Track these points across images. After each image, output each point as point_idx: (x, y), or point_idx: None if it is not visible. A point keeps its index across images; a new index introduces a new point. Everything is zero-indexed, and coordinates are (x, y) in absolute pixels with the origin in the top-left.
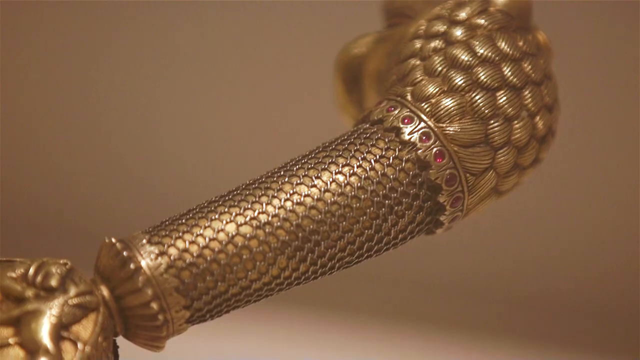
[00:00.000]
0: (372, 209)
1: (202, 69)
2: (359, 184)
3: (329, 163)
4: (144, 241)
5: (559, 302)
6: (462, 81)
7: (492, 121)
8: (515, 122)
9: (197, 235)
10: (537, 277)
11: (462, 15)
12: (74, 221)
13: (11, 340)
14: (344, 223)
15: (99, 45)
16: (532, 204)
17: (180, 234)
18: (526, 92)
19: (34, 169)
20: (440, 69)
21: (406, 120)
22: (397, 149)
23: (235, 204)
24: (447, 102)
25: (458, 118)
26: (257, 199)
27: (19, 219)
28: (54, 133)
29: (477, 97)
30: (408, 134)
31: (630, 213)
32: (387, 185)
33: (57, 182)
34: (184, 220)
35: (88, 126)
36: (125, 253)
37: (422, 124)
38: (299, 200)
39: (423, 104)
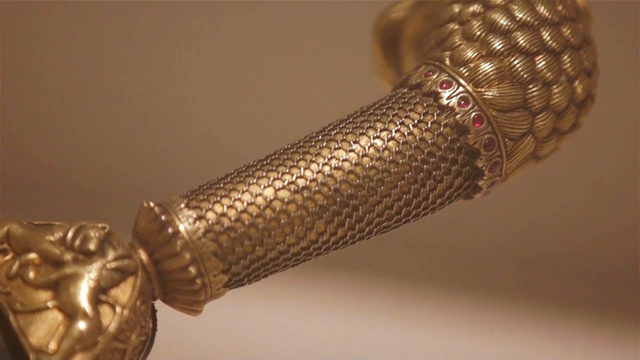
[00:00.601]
0: (410, 173)
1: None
2: (397, 149)
3: (367, 128)
4: (182, 205)
5: (568, 263)
6: (500, 45)
7: (530, 86)
8: (554, 86)
9: (235, 200)
10: (548, 239)
11: None
12: (109, 185)
13: (50, 304)
14: (382, 188)
15: None
16: (542, 168)
17: (218, 198)
18: (565, 57)
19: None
20: (478, 33)
21: (444, 85)
22: (435, 114)
23: (273, 168)
24: (486, 67)
25: (496, 82)
26: (295, 164)
27: (56, 184)
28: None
29: (515, 62)
30: (446, 99)
31: (634, 177)
32: (425, 150)
33: (91, 148)
34: (222, 185)
35: (119, 94)
36: (163, 217)
37: (461, 89)
38: (337, 165)
39: (461, 69)
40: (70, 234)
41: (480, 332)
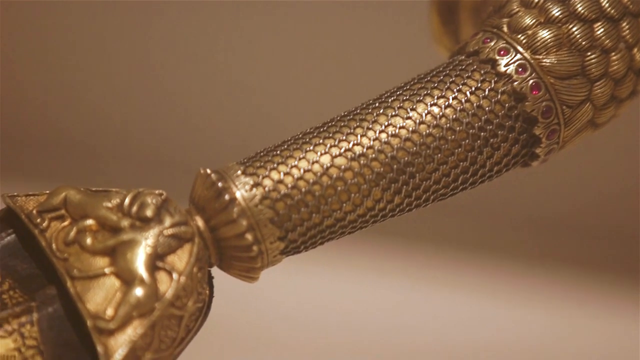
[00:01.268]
0: (467, 141)
1: None
2: (454, 116)
3: (424, 95)
4: (239, 172)
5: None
6: (559, 12)
7: (589, 53)
8: (613, 54)
9: (292, 167)
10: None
11: None
12: (164, 152)
13: (107, 270)
14: (439, 155)
15: None
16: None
17: (275, 165)
18: (624, 24)
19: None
20: (537, 0)
21: (502, 52)
22: (492, 81)
23: (330, 135)
24: (544, 34)
25: (555, 50)
26: (351, 131)
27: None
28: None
29: (574, 29)
30: (504, 66)
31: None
32: (483, 118)
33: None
34: (278, 152)
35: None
36: (220, 184)
37: (519, 56)
38: (393, 132)
39: (519, 36)
40: (127, 201)
41: (540, 301)
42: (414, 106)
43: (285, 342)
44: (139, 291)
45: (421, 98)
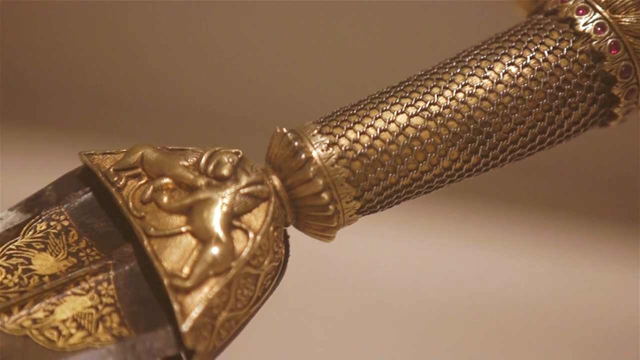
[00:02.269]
0: (545, 101)
1: None
2: (531, 76)
3: (502, 54)
4: (315, 131)
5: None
6: None
7: None
8: None
9: (368, 126)
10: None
11: None
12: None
13: (183, 229)
14: (516, 115)
15: None
16: None
17: (351, 124)
18: None
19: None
20: None
21: (581, 11)
22: (571, 40)
23: (407, 94)
24: None
25: (634, 9)
26: (428, 90)
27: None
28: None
29: None
30: (582, 25)
31: None
32: (561, 77)
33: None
34: (355, 111)
35: None
36: (296, 143)
37: (597, 15)
38: (470, 92)
39: None
40: (204, 159)
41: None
42: (492, 65)
43: (359, 302)
44: (215, 250)
45: (499, 57)
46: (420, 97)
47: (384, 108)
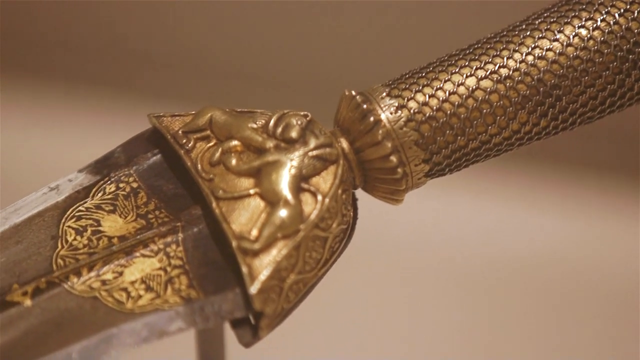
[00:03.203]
0: (615, 63)
1: None
2: (602, 38)
3: (572, 17)
4: (384, 94)
5: None
6: None
7: None
8: None
9: (437, 89)
10: None
11: None
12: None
13: (252, 191)
14: (586, 78)
15: None
16: None
17: (420, 87)
18: None
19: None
20: None
21: None
22: None
23: (476, 57)
24: None
25: None
26: (498, 53)
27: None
28: None
29: None
30: None
31: None
32: (631, 40)
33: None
34: (423, 74)
35: None
36: (365, 106)
37: None
38: (540, 55)
39: None
40: (272, 122)
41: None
42: (562, 28)
43: (427, 264)
44: (283, 212)
45: (569, 20)
46: (490, 60)
47: (453, 71)
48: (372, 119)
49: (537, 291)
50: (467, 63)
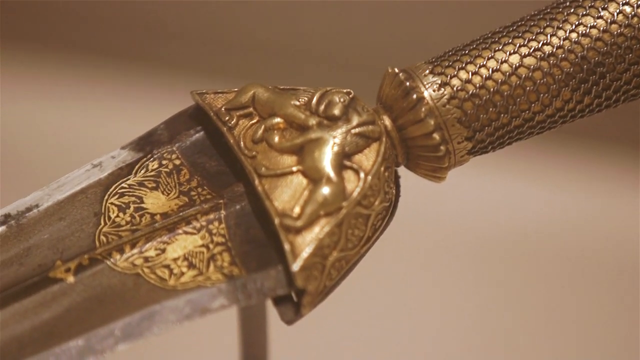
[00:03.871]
0: None
1: None
2: None
3: None
4: (427, 72)
5: None
6: None
7: None
8: None
9: (480, 67)
10: None
11: None
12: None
13: (294, 168)
14: (631, 55)
15: None
16: None
17: (463, 64)
18: None
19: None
20: None
21: None
22: None
23: (519, 35)
24: None
25: None
26: (541, 30)
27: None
28: None
29: None
30: None
31: None
32: None
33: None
34: (467, 51)
35: None
36: (408, 83)
37: None
38: (584, 32)
39: None
40: (315, 99)
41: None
42: (606, 5)
43: (469, 241)
44: (326, 189)
45: None
46: (533, 38)
47: (497, 48)
48: (415, 96)
49: (563, 263)
50: (510, 40)
